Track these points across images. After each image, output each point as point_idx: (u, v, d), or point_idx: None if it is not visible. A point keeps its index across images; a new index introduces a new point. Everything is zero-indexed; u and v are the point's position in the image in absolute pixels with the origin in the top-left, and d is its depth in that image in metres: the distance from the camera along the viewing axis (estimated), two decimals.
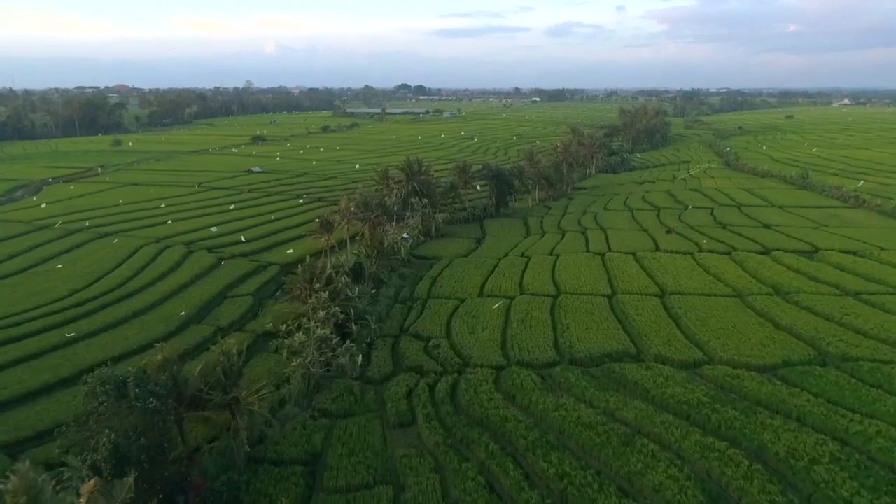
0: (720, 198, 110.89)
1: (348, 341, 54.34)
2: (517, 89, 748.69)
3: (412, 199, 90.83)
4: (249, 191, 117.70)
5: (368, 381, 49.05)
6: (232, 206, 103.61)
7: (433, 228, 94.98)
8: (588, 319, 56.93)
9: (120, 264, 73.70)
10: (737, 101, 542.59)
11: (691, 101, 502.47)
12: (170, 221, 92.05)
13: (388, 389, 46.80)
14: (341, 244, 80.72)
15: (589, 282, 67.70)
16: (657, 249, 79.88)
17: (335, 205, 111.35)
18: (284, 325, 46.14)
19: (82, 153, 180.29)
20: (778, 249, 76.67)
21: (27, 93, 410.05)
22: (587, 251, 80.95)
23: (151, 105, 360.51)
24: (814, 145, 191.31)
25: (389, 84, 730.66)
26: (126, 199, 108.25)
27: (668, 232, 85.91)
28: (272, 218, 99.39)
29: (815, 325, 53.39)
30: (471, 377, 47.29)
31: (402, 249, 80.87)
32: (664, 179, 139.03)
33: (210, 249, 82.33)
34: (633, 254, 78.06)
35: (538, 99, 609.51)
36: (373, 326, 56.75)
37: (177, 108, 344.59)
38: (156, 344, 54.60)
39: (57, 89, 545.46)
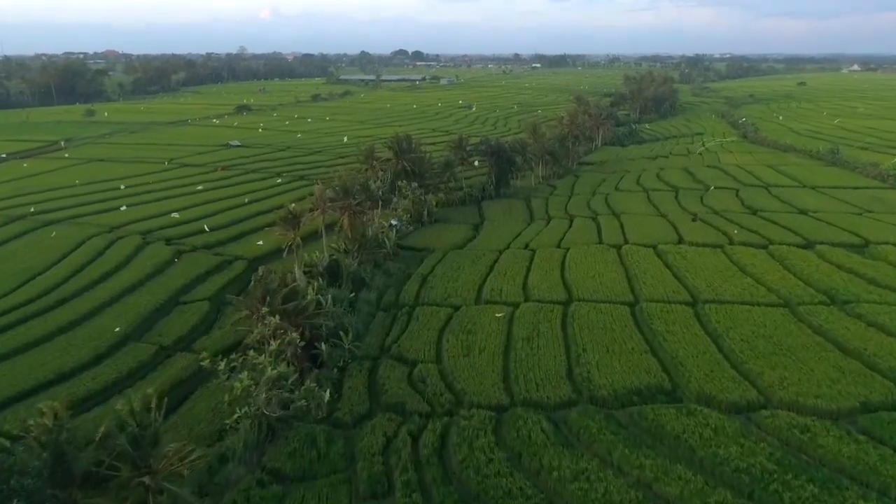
0: (744, 176, 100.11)
1: (315, 370, 44.46)
2: (517, 55, 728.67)
3: (400, 183, 80.00)
4: (222, 168, 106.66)
5: (337, 423, 39.11)
6: (200, 187, 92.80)
7: (425, 213, 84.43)
8: (608, 338, 46.81)
9: (58, 261, 63.23)
10: (742, 67, 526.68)
11: (696, 67, 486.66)
12: (124, 207, 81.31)
13: (361, 439, 36.85)
14: (316, 235, 70.18)
15: (605, 284, 57.47)
16: (681, 241, 69.51)
17: (319, 183, 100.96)
18: (224, 362, 36.02)
19: (53, 124, 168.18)
20: (822, 242, 66.30)
21: (6, 59, 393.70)
22: (600, 243, 70.55)
23: (136, 72, 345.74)
24: (834, 115, 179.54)
25: (387, 50, 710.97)
26: (84, 179, 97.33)
27: (694, 220, 75.40)
28: (245, 200, 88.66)
29: (892, 350, 43.29)
30: (465, 423, 37.31)
31: (389, 241, 70.50)
32: (678, 154, 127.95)
33: (168, 241, 71.86)
34: (654, 247, 67.70)
35: (538, 65, 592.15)
36: (347, 346, 46.61)
37: (162, 76, 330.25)
38: (86, 371, 45.11)
39: (44, 55, 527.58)
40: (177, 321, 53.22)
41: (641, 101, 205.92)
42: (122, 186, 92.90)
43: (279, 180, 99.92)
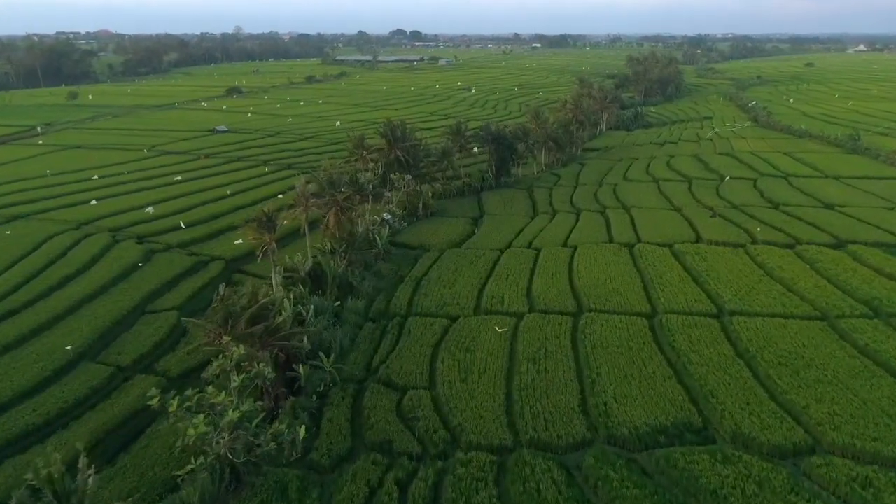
0: (760, 165, 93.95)
1: (291, 397, 38.82)
2: (517, 35, 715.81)
3: (393, 175, 73.84)
4: (205, 156, 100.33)
5: (314, 466, 33.57)
6: (178, 178, 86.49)
7: (420, 206, 78.44)
8: (625, 360, 41.11)
9: (11, 265, 57.23)
10: (746, 47, 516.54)
11: (699, 47, 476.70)
12: (94, 202, 75.10)
13: (340, 489, 31.30)
14: (299, 233, 64.23)
15: (619, 291, 51.68)
16: (698, 240, 63.63)
17: (308, 172, 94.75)
18: (176, 401, 30.12)
19: (34, 108, 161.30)
20: (854, 242, 60.44)
21: None
22: (611, 241, 64.68)
23: (127, 52, 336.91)
24: (846, 97, 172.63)
25: (385, 30, 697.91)
26: (56, 169, 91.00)
27: (713, 215, 69.38)
28: (227, 192, 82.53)
29: None
30: (462, 471, 31.69)
31: (380, 239, 64.60)
32: (688, 140, 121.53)
33: (140, 239, 65.97)
34: (670, 246, 61.87)
35: (539, 45, 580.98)
36: (328, 369, 40.89)
37: (153, 56, 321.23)
38: (27, 400, 39.45)
39: (35, 35, 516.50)
40: (140, 335, 47.44)
41: (646, 84, 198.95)
42: (96, 176, 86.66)
43: (266, 169, 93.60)
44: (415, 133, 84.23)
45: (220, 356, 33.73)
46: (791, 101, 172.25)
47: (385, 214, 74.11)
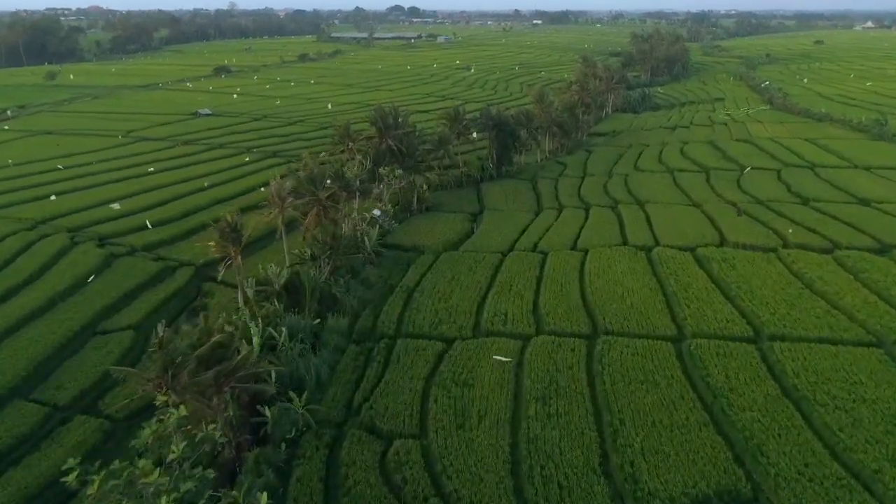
0: (781, 153, 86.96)
1: (255, 448, 32.50)
2: (517, 11, 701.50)
3: (383, 169, 66.85)
4: (183, 144, 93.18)
5: None
6: (151, 169, 79.47)
7: (415, 200, 71.71)
8: (653, 401, 34.73)
9: None
10: (751, 23, 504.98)
11: (703, 24, 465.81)
12: (53, 197, 68.18)
13: None
14: (275, 235, 57.51)
15: (638, 308, 45.21)
16: (723, 243, 57.05)
17: (293, 161, 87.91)
18: (98, 480, 23.63)
19: (12, 88, 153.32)
20: None
21: None
22: (625, 243, 58.09)
23: (116, 29, 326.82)
24: (862, 77, 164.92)
25: (382, 6, 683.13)
26: (19, 158, 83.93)
27: (738, 213, 62.61)
28: (204, 185, 75.70)
29: None
30: None
31: (369, 240, 57.96)
32: (701, 124, 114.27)
33: (101, 240, 59.40)
34: (692, 250, 55.30)
35: (539, 22, 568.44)
36: (300, 410, 34.51)
37: (143, 33, 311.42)
38: None
39: (25, 11, 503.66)
40: (86, 363, 41.05)
41: (653, 62, 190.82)
42: (61, 167, 79.59)
43: (247, 158, 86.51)
44: (409, 119, 77.04)
45: (156, 420, 27.21)
46: (805, 80, 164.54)
47: (375, 211, 67.41)
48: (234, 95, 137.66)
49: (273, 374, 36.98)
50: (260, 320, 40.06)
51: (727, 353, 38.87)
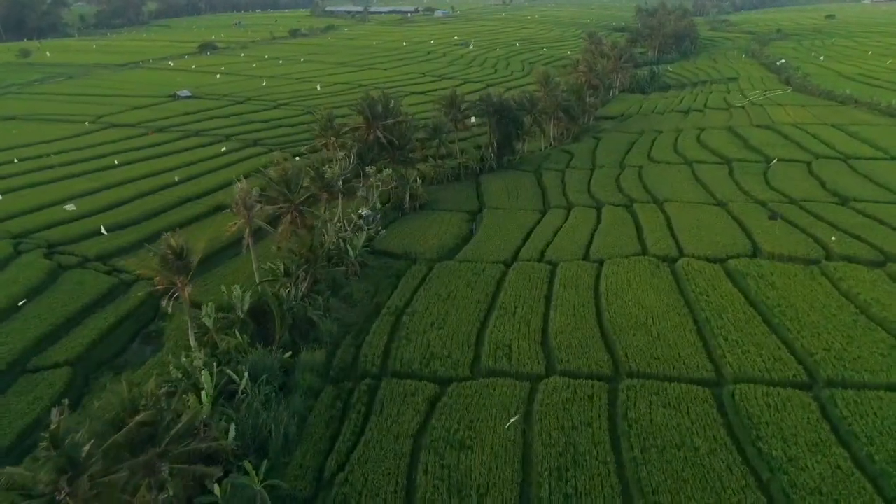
0: (808, 141, 79.50)
1: None
2: None
3: (369, 168, 59.40)
4: (155, 131, 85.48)
5: None
6: (115, 161, 71.95)
7: (407, 197, 64.51)
8: (693, 477, 28.02)
9: None
10: None
11: None
12: None
13: None
14: (242, 241, 50.22)
15: (666, 339, 38.36)
16: (756, 252, 50.01)
17: (281, 149, 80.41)
18: None
19: None
20: None
21: None
22: (644, 252, 51.06)
23: (101, 2, 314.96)
24: (882, 55, 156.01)
25: None
26: None
27: (772, 217, 55.40)
28: (175, 179, 68.36)
29: None
30: None
31: (353, 249, 50.85)
32: (716, 107, 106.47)
33: (50, 247, 52.34)
34: (723, 262, 48.36)
35: None
36: (257, 488, 27.75)
37: (129, 6, 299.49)
38: None
39: None
40: (6, 413, 34.19)
41: (660, 39, 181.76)
42: (16, 160, 71.99)
43: (223, 148, 78.91)
44: (400, 106, 69.40)
45: None
46: (822, 58, 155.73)
47: (363, 211, 60.28)
48: (217, 76, 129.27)
49: (232, 430, 30.41)
50: (215, 365, 33.16)
51: (779, 405, 32.11)
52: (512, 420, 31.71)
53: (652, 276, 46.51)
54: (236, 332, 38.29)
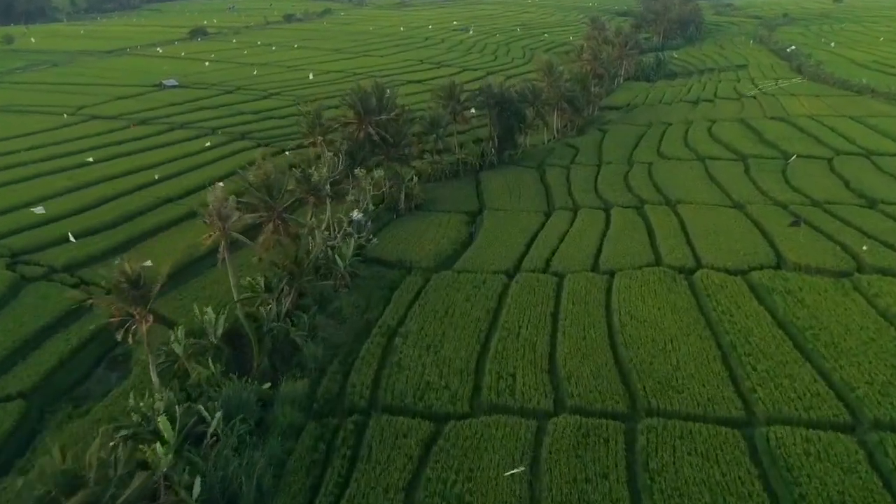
0: (827, 135, 75.26)
1: None
2: None
3: (358, 170, 55.07)
4: (137, 124, 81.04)
5: None
6: (90, 159, 67.57)
7: (402, 197, 60.34)
8: None
9: None
10: None
11: None
12: None
13: None
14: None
15: (687, 368, 34.47)
16: (779, 263, 46.05)
17: (266, 144, 76.21)
18: None
19: None
20: None
21: None
22: (658, 263, 47.06)
23: None
24: (893, 41, 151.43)
25: None
26: None
27: (796, 223, 51.29)
28: (155, 177, 64.13)
29: None
30: None
31: (342, 259, 46.72)
32: (726, 97, 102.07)
33: (13, 256, 48.22)
34: (745, 273, 44.41)
35: None
36: None
37: None
38: None
39: None
40: None
41: (665, 24, 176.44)
42: None
43: (208, 143, 74.47)
44: (396, 99, 65.01)
45: None
46: (832, 45, 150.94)
47: (354, 214, 56.07)
48: (207, 63, 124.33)
49: (197, 484, 26.55)
50: (181, 406, 29.17)
51: (820, 453, 28.25)
52: (515, 471, 27.81)
53: (668, 290, 42.52)
54: (209, 361, 34.32)
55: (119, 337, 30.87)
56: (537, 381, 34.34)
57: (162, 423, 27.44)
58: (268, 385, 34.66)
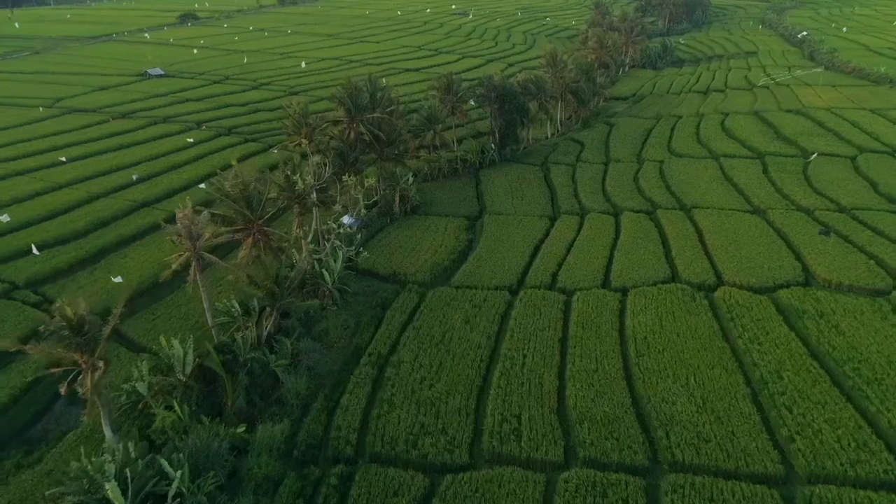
0: (847, 130, 70.94)
1: None
2: None
3: (347, 177, 50.77)
4: (116, 118, 76.62)
5: None
6: (63, 159, 63.26)
7: (397, 200, 56.22)
8: None
9: None
10: None
11: None
12: None
13: None
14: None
15: (713, 407, 30.70)
16: (808, 279, 42.12)
17: (256, 140, 71.93)
18: None
19: None
20: None
21: None
22: (674, 278, 43.11)
23: None
24: None
25: None
26: None
27: (825, 233, 47.18)
28: (133, 178, 59.96)
29: None
30: None
31: (330, 274, 42.72)
32: (737, 87, 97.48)
33: None
34: (771, 292, 40.46)
35: None
36: None
37: None
38: None
39: None
40: None
41: (671, 8, 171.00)
42: None
43: (190, 140, 70.07)
44: (391, 94, 60.64)
45: None
46: (844, 29, 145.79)
47: (345, 219, 52.09)
48: (195, 50, 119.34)
49: None
50: (141, 462, 25.35)
51: None
52: None
53: (688, 312, 38.59)
54: (175, 404, 30.44)
55: (63, 391, 26.83)
56: (545, 423, 30.51)
57: (111, 490, 23.60)
58: (242, 429, 30.84)
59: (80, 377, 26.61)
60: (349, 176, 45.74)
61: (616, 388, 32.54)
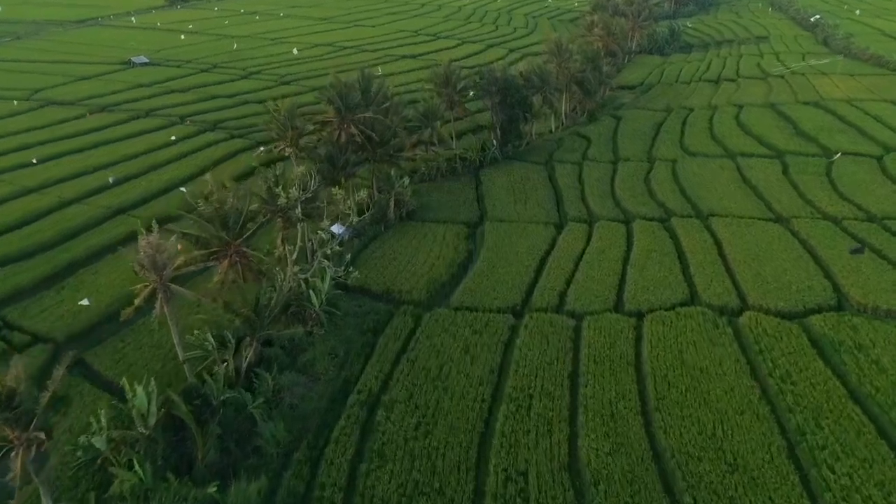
0: (871, 126, 66.79)
1: None
2: None
3: (335, 189, 46.49)
4: (96, 112, 72.32)
5: None
6: (34, 160, 59.10)
7: (392, 205, 52.27)
8: None
9: None
10: None
11: None
12: None
13: None
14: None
15: (746, 466, 27.19)
16: (841, 304, 38.42)
17: (243, 137, 67.73)
18: None
19: None
20: None
21: None
22: (693, 300, 39.41)
23: None
24: None
25: None
26: None
27: (856, 251, 43.31)
28: (109, 180, 55.94)
29: None
30: None
31: (316, 296, 38.85)
32: (750, 76, 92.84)
33: None
34: (802, 318, 36.75)
35: None
36: None
37: None
38: None
39: None
40: None
41: None
42: None
43: (173, 137, 65.83)
44: (384, 88, 56.46)
45: None
46: (858, 12, 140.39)
47: (336, 227, 48.11)
48: (183, 36, 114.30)
49: None
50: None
51: None
52: None
53: (710, 342, 34.94)
54: (136, 462, 26.83)
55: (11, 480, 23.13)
56: (555, 484, 26.98)
57: None
58: (214, 488, 27.25)
59: (13, 454, 22.86)
60: (338, 188, 41.62)
61: (634, 439, 28.95)
